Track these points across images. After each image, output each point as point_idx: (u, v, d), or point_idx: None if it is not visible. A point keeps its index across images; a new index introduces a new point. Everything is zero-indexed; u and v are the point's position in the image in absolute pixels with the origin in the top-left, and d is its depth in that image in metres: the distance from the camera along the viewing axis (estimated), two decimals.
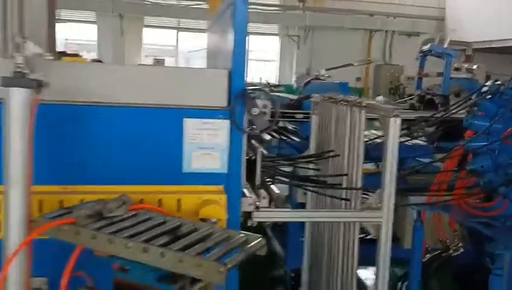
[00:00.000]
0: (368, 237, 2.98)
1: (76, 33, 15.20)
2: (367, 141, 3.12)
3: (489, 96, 2.84)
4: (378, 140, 3.31)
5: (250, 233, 1.63)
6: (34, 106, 1.69)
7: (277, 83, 13.26)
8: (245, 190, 2.15)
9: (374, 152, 2.75)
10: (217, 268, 1.38)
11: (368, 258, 2.45)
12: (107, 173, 1.96)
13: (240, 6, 1.94)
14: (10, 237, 1.69)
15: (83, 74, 1.93)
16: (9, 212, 1.69)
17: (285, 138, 4.01)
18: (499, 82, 2.88)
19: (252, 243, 1.56)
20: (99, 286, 1.74)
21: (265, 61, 16.82)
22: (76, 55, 8.02)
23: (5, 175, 1.67)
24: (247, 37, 1.98)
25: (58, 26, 4.28)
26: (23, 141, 1.68)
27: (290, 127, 4.32)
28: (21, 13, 3.40)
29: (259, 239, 1.59)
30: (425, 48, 6.66)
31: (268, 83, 10.23)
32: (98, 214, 1.70)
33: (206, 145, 2.02)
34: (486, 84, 3.00)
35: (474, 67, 7.72)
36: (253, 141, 2.27)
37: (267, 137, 2.42)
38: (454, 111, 3.34)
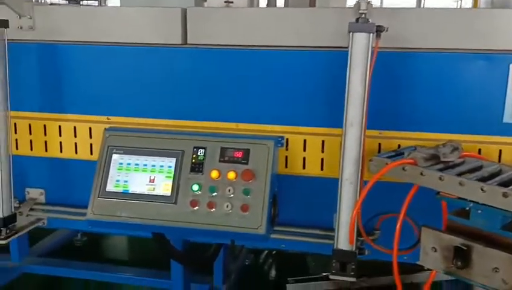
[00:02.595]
0: None
1: None
2: None
3: None
4: None
5: None
6: (375, 52, 1.77)
7: None
8: None
9: None
10: None
11: None
12: (425, 120, 1.96)
13: None
14: (345, 174, 1.83)
15: (407, 19, 1.93)
16: (346, 151, 1.82)
17: None
18: None
19: None
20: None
21: None
22: None
23: (345, 116, 1.80)
24: None
25: None
26: (362, 86, 1.78)
27: None
28: None
29: None
30: None
31: None
32: (434, 158, 1.72)
33: None
34: None
35: None
36: None
37: None
38: None
